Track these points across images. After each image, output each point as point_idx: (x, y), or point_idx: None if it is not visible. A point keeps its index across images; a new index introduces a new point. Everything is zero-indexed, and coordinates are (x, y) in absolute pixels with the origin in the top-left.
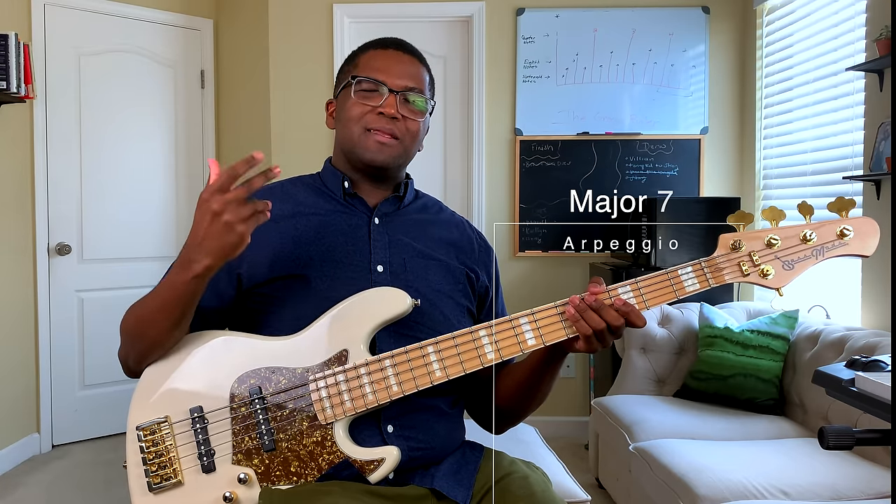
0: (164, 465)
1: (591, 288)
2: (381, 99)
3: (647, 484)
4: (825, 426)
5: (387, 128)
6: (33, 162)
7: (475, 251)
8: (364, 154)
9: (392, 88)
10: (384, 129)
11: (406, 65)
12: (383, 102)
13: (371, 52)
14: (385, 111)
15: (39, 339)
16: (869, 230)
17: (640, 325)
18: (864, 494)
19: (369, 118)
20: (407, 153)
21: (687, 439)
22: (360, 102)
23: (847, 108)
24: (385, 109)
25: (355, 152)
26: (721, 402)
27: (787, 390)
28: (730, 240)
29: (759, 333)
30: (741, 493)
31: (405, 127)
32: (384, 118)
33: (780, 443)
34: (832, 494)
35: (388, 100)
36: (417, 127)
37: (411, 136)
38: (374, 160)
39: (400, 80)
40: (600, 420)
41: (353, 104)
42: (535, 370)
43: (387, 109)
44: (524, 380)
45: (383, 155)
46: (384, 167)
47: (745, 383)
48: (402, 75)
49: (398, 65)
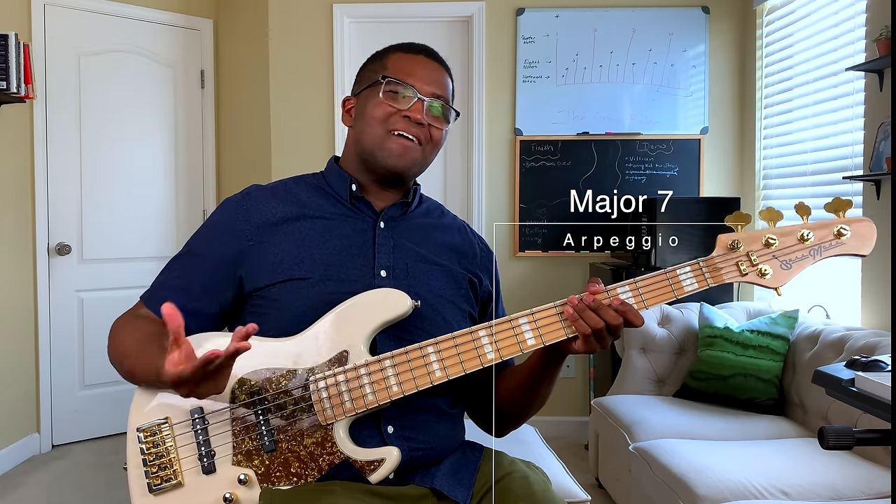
0: (165, 466)
1: (589, 288)
2: (409, 103)
3: (647, 484)
4: (825, 426)
5: (412, 131)
6: (33, 162)
7: (477, 256)
8: (386, 159)
9: (421, 94)
10: (409, 133)
11: (435, 72)
12: (411, 107)
13: (400, 55)
14: (412, 115)
15: (39, 340)
16: (866, 230)
17: (639, 325)
18: (864, 494)
19: (394, 120)
20: (425, 161)
21: (687, 439)
22: (387, 103)
23: (847, 108)
24: (412, 114)
25: (375, 154)
26: (721, 402)
27: (787, 390)
28: (728, 240)
29: (759, 333)
30: (741, 493)
31: (429, 134)
32: (410, 122)
33: (780, 443)
34: (832, 494)
35: (416, 105)
36: (440, 135)
37: (433, 144)
38: (395, 166)
39: (428, 87)
40: (600, 420)
41: (380, 104)
42: (535, 373)
43: (413, 114)
44: (523, 382)
45: (404, 160)
46: (402, 173)
47: (745, 383)
48: (431, 82)
49: (428, 71)
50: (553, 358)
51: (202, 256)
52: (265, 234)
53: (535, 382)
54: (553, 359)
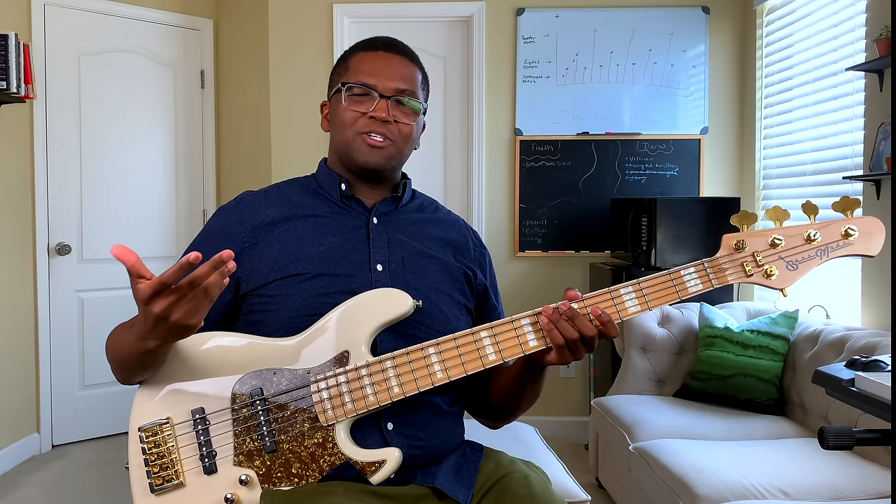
0: (166, 466)
1: (566, 296)
2: (373, 104)
3: (647, 484)
4: (825, 426)
5: (379, 131)
6: (33, 162)
7: (471, 250)
8: (358, 157)
9: (382, 93)
10: (376, 132)
11: (396, 66)
12: (374, 107)
13: (361, 55)
14: (376, 115)
15: (39, 340)
16: (874, 230)
17: (614, 336)
18: (864, 494)
19: (361, 123)
20: (400, 154)
21: (687, 439)
22: (351, 109)
23: (847, 108)
24: (376, 114)
25: (349, 155)
26: (721, 402)
27: (787, 390)
28: (733, 240)
29: (759, 333)
30: (741, 493)
31: (397, 130)
32: (376, 122)
33: (780, 443)
34: (832, 494)
35: (380, 104)
36: (410, 129)
37: (404, 137)
38: (367, 163)
39: (391, 83)
40: (600, 420)
41: (345, 110)
42: (518, 378)
43: (378, 114)
44: (507, 387)
45: (376, 157)
46: (378, 169)
47: (745, 383)
48: (393, 77)
49: (388, 67)
50: (533, 366)
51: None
52: (260, 235)
53: (518, 387)
54: (533, 367)
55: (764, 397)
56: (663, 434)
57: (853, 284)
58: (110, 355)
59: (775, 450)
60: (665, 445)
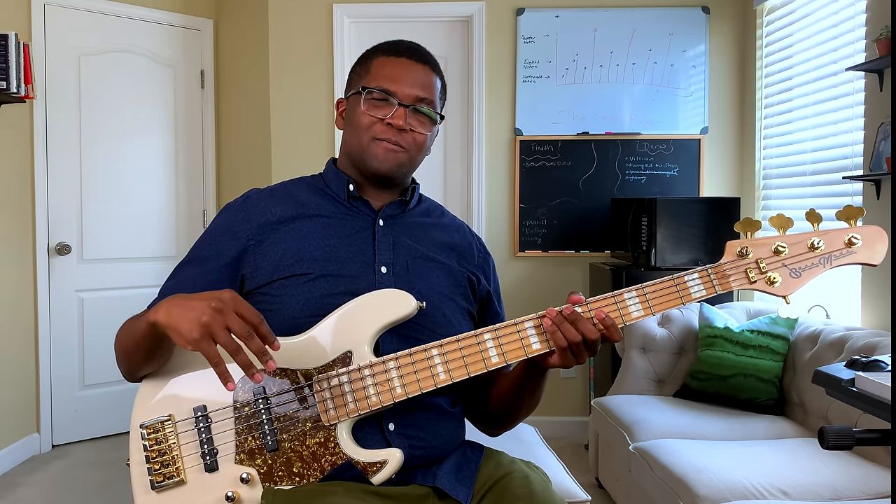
0: (167, 463)
1: (570, 299)
2: (391, 110)
3: (647, 484)
4: (825, 426)
5: (394, 138)
6: (33, 162)
7: (475, 256)
8: (370, 162)
9: (402, 101)
10: (392, 139)
11: (418, 74)
12: (392, 114)
13: (383, 59)
14: (394, 122)
15: (39, 339)
16: (877, 238)
17: (617, 340)
18: (864, 494)
19: (378, 128)
20: (413, 162)
21: (687, 439)
22: (369, 114)
23: (847, 108)
24: (394, 121)
25: (362, 159)
26: (721, 402)
27: (787, 390)
28: (737, 247)
29: (759, 333)
30: (741, 493)
31: (412, 138)
32: (392, 129)
33: (780, 443)
34: (832, 494)
35: (398, 112)
36: (424, 138)
37: (417, 146)
38: (379, 169)
39: (411, 91)
40: (600, 420)
41: (363, 114)
42: (518, 382)
43: (395, 121)
44: (507, 392)
45: (389, 163)
46: (389, 176)
47: (745, 383)
48: (414, 85)
49: (409, 74)
50: (534, 370)
51: (205, 260)
52: (266, 233)
53: (518, 392)
54: (534, 371)
55: (764, 397)
56: (663, 434)
57: (853, 284)
58: (119, 346)
59: (775, 450)
60: (665, 445)
